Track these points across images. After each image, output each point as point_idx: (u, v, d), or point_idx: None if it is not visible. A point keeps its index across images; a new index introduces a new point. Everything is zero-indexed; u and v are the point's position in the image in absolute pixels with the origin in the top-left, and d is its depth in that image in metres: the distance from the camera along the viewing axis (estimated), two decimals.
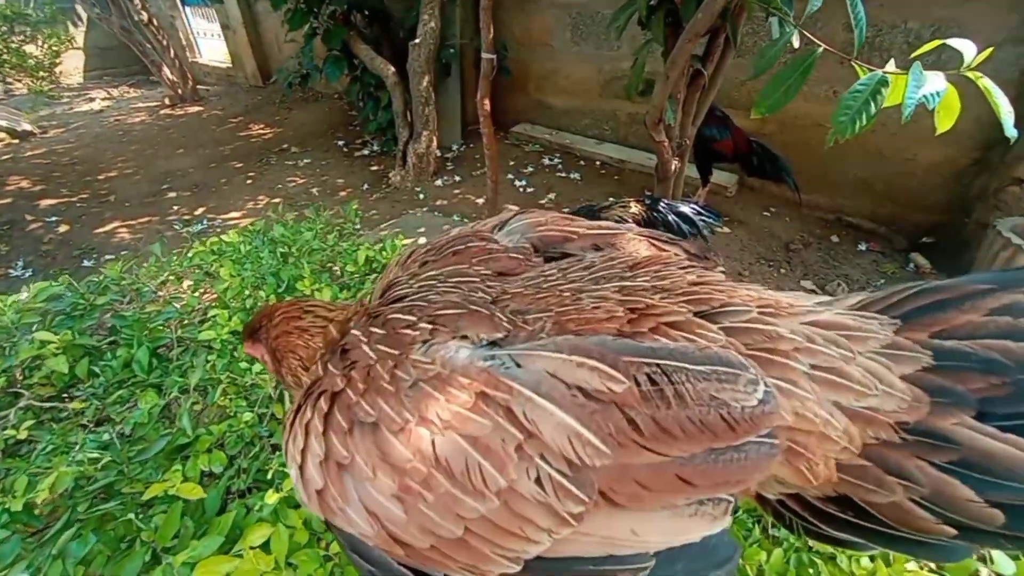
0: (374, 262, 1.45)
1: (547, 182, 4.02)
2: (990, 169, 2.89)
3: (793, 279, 2.88)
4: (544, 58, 4.53)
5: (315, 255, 1.47)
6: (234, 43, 7.43)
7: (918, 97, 1.44)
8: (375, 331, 0.58)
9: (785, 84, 1.74)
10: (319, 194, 4.07)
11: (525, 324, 0.55)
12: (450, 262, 0.71)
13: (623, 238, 0.72)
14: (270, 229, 1.61)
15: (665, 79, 1.99)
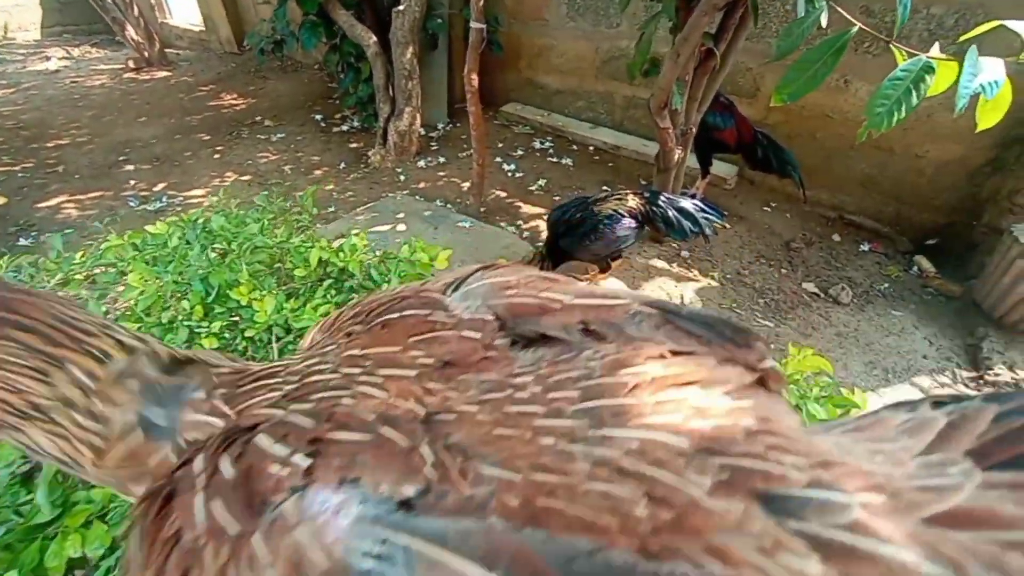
0: (329, 265, 1.23)
1: (537, 167, 3.78)
2: (1004, 169, 2.74)
3: (794, 280, 2.72)
4: (537, 33, 4.24)
5: (259, 253, 1.23)
6: (206, 4, 6.93)
7: (974, 87, 1.24)
8: (225, 461, 0.37)
9: (812, 68, 1.54)
10: (292, 172, 3.77)
11: (462, 477, 0.32)
12: (378, 339, 0.47)
13: (628, 319, 0.45)
14: (208, 220, 1.36)
15: (675, 58, 1.77)
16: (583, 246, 2.23)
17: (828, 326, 2.40)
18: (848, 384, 2.07)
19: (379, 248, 2.81)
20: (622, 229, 2.18)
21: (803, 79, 1.54)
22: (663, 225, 2.17)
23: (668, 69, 1.80)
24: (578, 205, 2.27)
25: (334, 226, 2.94)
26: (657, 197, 2.21)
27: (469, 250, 2.71)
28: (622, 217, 2.17)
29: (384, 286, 1.15)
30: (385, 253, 1.34)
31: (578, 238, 2.20)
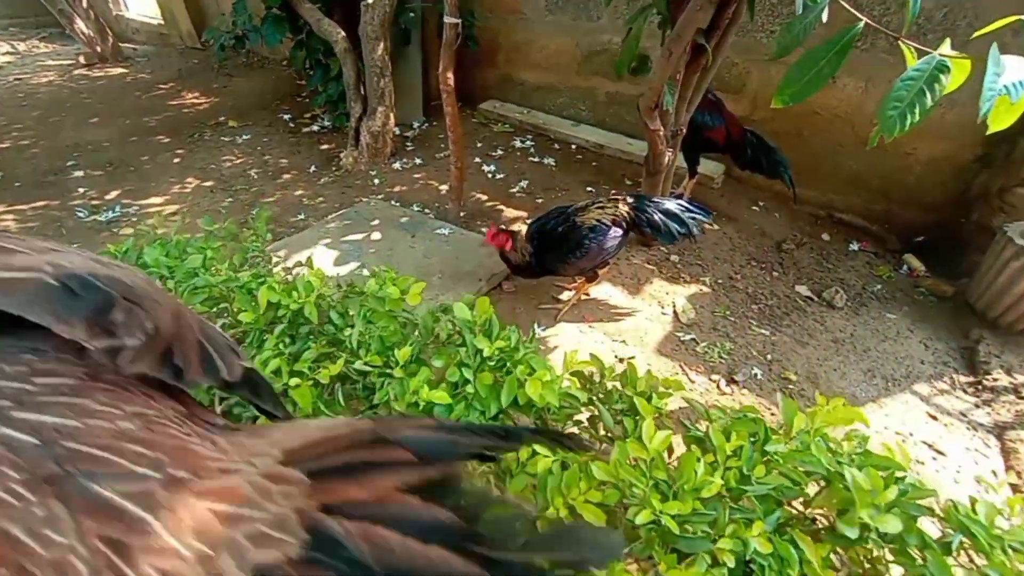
0: (280, 307, 1.05)
1: (518, 167, 3.64)
2: (993, 166, 2.70)
3: (786, 283, 2.64)
4: (515, 28, 4.08)
5: (200, 293, 1.05)
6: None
7: (999, 88, 1.14)
8: None
9: (816, 67, 1.43)
10: (259, 176, 3.55)
11: None
12: None
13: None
14: (140, 251, 1.17)
15: (667, 56, 1.64)
16: (569, 263, 2.12)
17: (824, 332, 2.32)
18: (848, 395, 1.99)
19: (352, 258, 2.66)
20: (609, 240, 2.07)
21: (806, 79, 1.43)
22: (649, 230, 2.08)
23: (660, 68, 1.67)
24: (558, 216, 2.15)
25: (303, 237, 2.74)
26: (642, 201, 2.09)
27: (449, 260, 2.55)
28: (607, 228, 2.06)
29: (347, 331, 0.99)
30: (349, 288, 1.17)
31: (563, 255, 2.10)
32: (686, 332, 2.26)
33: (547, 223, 2.16)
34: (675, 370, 2.07)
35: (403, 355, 0.93)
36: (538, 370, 0.88)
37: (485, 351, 0.92)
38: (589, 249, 2.06)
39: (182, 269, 1.09)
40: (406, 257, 2.56)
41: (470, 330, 0.99)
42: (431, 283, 2.38)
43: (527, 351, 0.94)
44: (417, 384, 0.87)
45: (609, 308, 2.39)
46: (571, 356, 1.00)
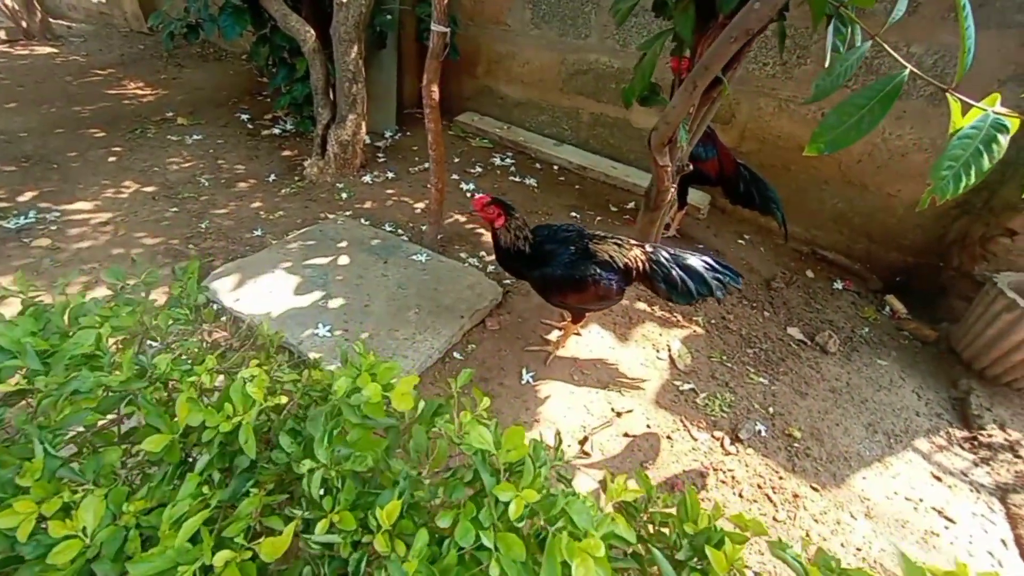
0: (206, 430, 0.73)
1: (498, 186, 3.43)
2: (971, 213, 2.72)
3: (778, 324, 2.55)
4: (498, 39, 3.89)
5: (85, 401, 0.71)
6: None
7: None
8: None
9: (857, 114, 1.30)
10: (210, 184, 3.17)
11: None
12: None
13: None
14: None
15: (691, 89, 1.47)
16: (560, 289, 1.85)
17: (820, 380, 2.23)
18: (854, 454, 1.88)
19: (316, 286, 2.35)
20: (609, 283, 1.82)
21: (844, 127, 1.30)
22: (664, 286, 1.83)
23: (681, 101, 1.52)
24: (571, 231, 1.90)
25: (259, 259, 2.42)
26: (659, 251, 1.88)
27: (426, 291, 2.30)
28: (614, 271, 1.83)
29: (304, 465, 0.71)
30: (309, 385, 0.90)
31: (557, 275, 1.80)
32: (684, 380, 2.11)
33: (559, 231, 1.90)
34: (677, 425, 1.91)
35: (388, 515, 0.66)
36: (583, 527, 0.63)
37: (512, 507, 0.67)
38: (587, 284, 1.79)
39: (64, 354, 0.75)
40: (378, 287, 2.30)
41: (490, 469, 0.74)
42: (407, 319, 2.13)
43: (568, 497, 0.67)
44: (413, 570, 0.60)
45: (602, 351, 2.22)
46: (617, 486, 0.75)
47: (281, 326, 2.04)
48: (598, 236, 1.88)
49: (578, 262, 1.80)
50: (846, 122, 1.30)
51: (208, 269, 2.42)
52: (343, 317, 2.11)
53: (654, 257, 1.85)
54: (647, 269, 1.84)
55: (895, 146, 2.79)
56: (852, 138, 1.31)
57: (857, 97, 1.28)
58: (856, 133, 1.29)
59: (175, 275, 1.12)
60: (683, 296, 1.82)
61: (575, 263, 1.80)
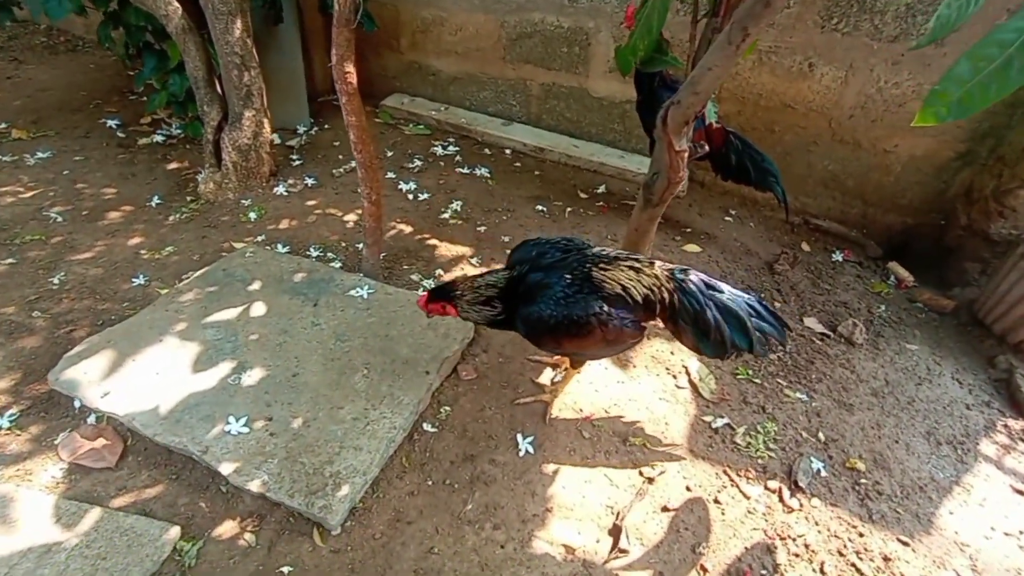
0: None
1: (445, 183, 2.87)
2: (974, 164, 2.47)
3: (794, 316, 2.21)
4: (421, 2, 3.25)
5: None
6: None
7: None
8: None
9: (1003, 56, 0.87)
10: (65, 219, 2.42)
11: None
12: None
13: None
14: None
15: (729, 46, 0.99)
16: (553, 336, 1.35)
17: (858, 382, 1.90)
18: (927, 480, 1.56)
19: (223, 356, 1.68)
20: (629, 322, 1.34)
21: (983, 76, 0.87)
22: (692, 329, 1.35)
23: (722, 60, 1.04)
24: (567, 253, 1.39)
25: (139, 324, 1.77)
26: (690, 278, 1.37)
27: (375, 341, 1.76)
28: (629, 307, 1.33)
29: None
30: None
31: (548, 324, 1.31)
32: (715, 413, 1.71)
33: (549, 250, 1.41)
34: (722, 480, 1.51)
35: None
36: None
37: None
38: (590, 327, 1.29)
39: None
40: (309, 344, 1.72)
41: None
42: (354, 387, 1.59)
43: None
44: None
45: (609, 388, 1.77)
46: None
47: (176, 426, 1.45)
48: (605, 257, 1.37)
49: (577, 297, 1.30)
50: (984, 70, 0.87)
51: (65, 348, 1.75)
52: (264, 398, 1.54)
53: (685, 287, 1.35)
54: (675, 302, 1.35)
55: (891, 95, 2.47)
56: (993, 94, 0.88)
57: (1005, 30, 0.84)
58: (1001, 85, 0.86)
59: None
60: (713, 347, 1.34)
61: (572, 299, 1.30)
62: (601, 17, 2.85)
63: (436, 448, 1.53)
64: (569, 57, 3.03)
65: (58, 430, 1.55)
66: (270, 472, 1.35)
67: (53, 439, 1.52)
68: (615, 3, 2.78)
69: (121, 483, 1.40)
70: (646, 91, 2.23)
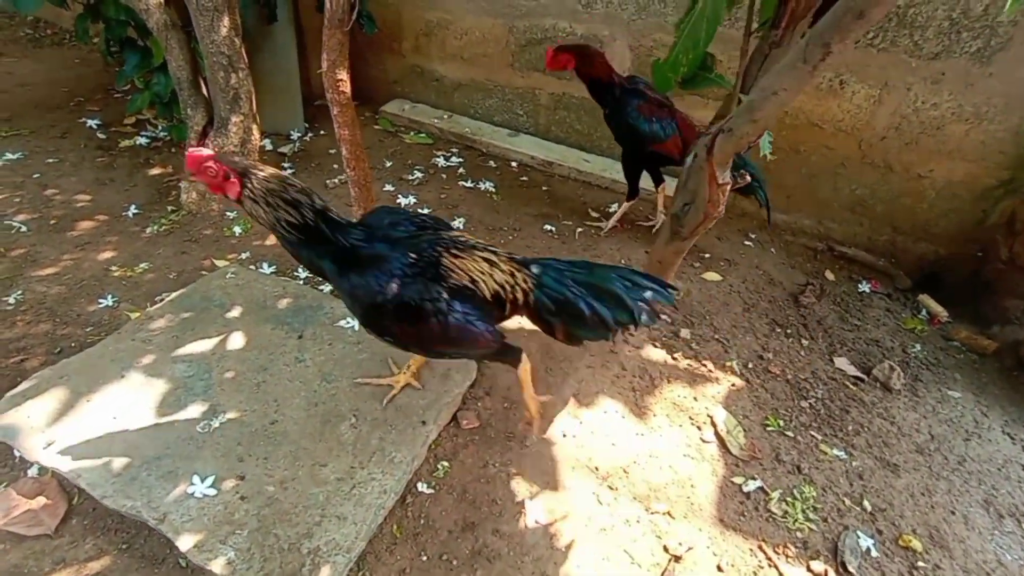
0: None
1: (447, 197, 2.68)
2: (1019, 192, 2.30)
3: (823, 355, 2.03)
4: (426, 4, 3.07)
5: None
6: None
7: None
8: None
9: None
10: (30, 228, 2.21)
11: None
12: None
13: None
14: None
15: (800, 65, 0.81)
16: (381, 320, 1.17)
17: (901, 436, 1.72)
18: (992, 562, 1.38)
19: (192, 398, 1.39)
20: (476, 321, 1.19)
21: None
22: (561, 320, 1.24)
23: (789, 87, 0.85)
24: (424, 234, 1.24)
25: (100, 355, 1.56)
26: (549, 269, 1.28)
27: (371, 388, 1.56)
28: (477, 304, 1.20)
29: None
30: None
31: (375, 302, 1.12)
32: (745, 475, 1.52)
33: (404, 222, 1.25)
34: (757, 558, 1.32)
35: None
36: None
37: None
38: (425, 317, 1.14)
39: None
40: (291, 385, 1.53)
41: None
42: (339, 439, 1.39)
43: None
44: None
45: (627, 441, 1.58)
46: None
47: (130, 485, 1.25)
48: (460, 243, 1.22)
49: (417, 279, 1.14)
50: None
51: (13, 381, 1.55)
52: (237, 451, 1.34)
53: (542, 279, 1.24)
54: (531, 301, 1.23)
55: (929, 117, 2.30)
56: None
57: None
58: None
59: None
60: (594, 330, 1.23)
61: (410, 279, 1.13)
62: (617, 24, 2.67)
63: (432, 513, 1.34)
64: None
65: None
66: (238, 547, 1.15)
67: None
68: (632, 10, 2.61)
69: (59, 554, 1.20)
70: (611, 101, 2.12)
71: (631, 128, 2.12)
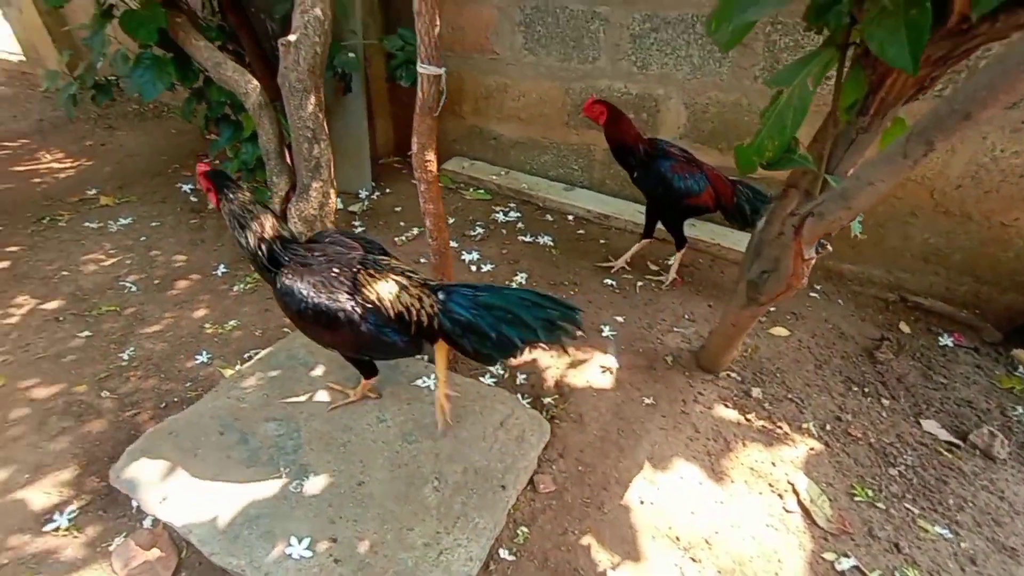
0: None
1: (508, 252, 2.77)
2: None
3: (907, 417, 1.93)
4: (485, 70, 3.27)
5: None
6: (21, 26, 5.25)
7: None
8: None
9: None
10: (138, 288, 2.45)
11: None
12: None
13: None
14: None
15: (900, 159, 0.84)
16: (303, 321, 1.39)
17: (1013, 514, 1.59)
18: None
19: (282, 461, 1.46)
20: (387, 332, 1.40)
21: None
22: (468, 341, 1.39)
23: (885, 180, 0.88)
24: (354, 253, 1.44)
25: (197, 417, 1.69)
26: (456, 295, 1.41)
27: (445, 441, 1.61)
28: (384, 317, 1.38)
29: None
30: None
31: (296, 303, 1.34)
32: (836, 551, 1.45)
33: (339, 242, 1.47)
34: None
35: None
36: None
37: None
38: (337, 322, 1.34)
39: None
40: (374, 445, 1.59)
41: None
42: (423, 502, 1.43)
43: None
44: None
45: (707, 509, 1.55)
46: None
47: (234, 544, 1.33)
48: (381, 266, 1.42)
49: (335, 289, 1.35)
50: None
51: (128, 435, 1.70)
52: (328, 512, 1.41)
53: (448, 305, 1.39)
54: (438, 325, 1.39)
55: (1010, 165, 2.23)
56: None
57: None
58: None
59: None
60: (500, 349, 1.36)
61: (330, 288, 1.34)
62: (672, 84, 2.76)
63: None
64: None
65: (114, 533, 1.46)
66: None
67: (108, 544, 1.43)
68: (687, 70, 2.69)
69: None
70: (636, 163, 2.29)
71: (667, 186, 2.24)
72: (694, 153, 2.36)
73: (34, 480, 1.56)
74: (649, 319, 2.32)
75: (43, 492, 1.54)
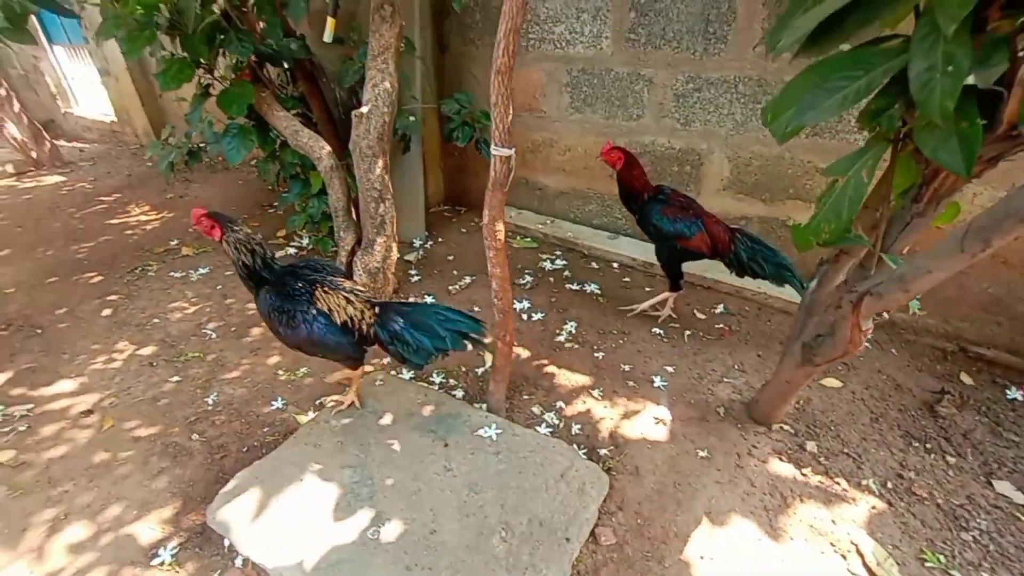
0: None
1: (556, 300, 2.88)
2: None
3: (976, 475, 1.88)
4: (532, 127, 3.48)
5: None
6: (117, 92, 5.91)
7: None
8: None
9: None
10: (218, 335, 2.67)
11: None
12: None
13: None
14: None
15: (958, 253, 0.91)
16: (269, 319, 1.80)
17: None
18: None
19: (360, 503, 1.58)
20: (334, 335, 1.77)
21: None
22: (394, 347, 1.78)
23: (941, 270, 0.96)
24: (315, 275, 1.81)
25: (277, 464, 1.83)
26: (390, 310, 1.81)
27: (509, 493, 1.69)
28: (332, 324, 1.76)
29: None
30: None
31: (268, 309, 1.77)
32: None
33: (306, 268, 1.85)
34: None
35: None
36: None
37: None
38: (297, 324, 1.75)
39: None
40: (443, 495, 1.69)
41: None
42: (493, 552, 1.51)
43: None
44: None
45: (767, 565, 1.56)
46: None
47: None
48: (332, 286, 1.79)
49: (297, 299, 1.75)
50: None
51: (217, 476, 1.86)
52: (404, 559, 1.50)
53: (383, 318, 1.79)
54: (372, 334, 1.79)
55: None
56: None
57: None
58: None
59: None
60: (418, 355, 1.75)
61: (293, 299, 1.75)
62: (715, 139, 2.88)
63: None
64: (680, 175, 3.05)
65: (210, 570, 1.59)
66: None
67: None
68: (730, 126, 2.80)
69: None
70: (636, 208, 2.48)
71: (656, 228, 2.38)
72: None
73: (141, 516, 1.73)
74: (699, 369, 2.36)
75: (149, 527, 1.70)
